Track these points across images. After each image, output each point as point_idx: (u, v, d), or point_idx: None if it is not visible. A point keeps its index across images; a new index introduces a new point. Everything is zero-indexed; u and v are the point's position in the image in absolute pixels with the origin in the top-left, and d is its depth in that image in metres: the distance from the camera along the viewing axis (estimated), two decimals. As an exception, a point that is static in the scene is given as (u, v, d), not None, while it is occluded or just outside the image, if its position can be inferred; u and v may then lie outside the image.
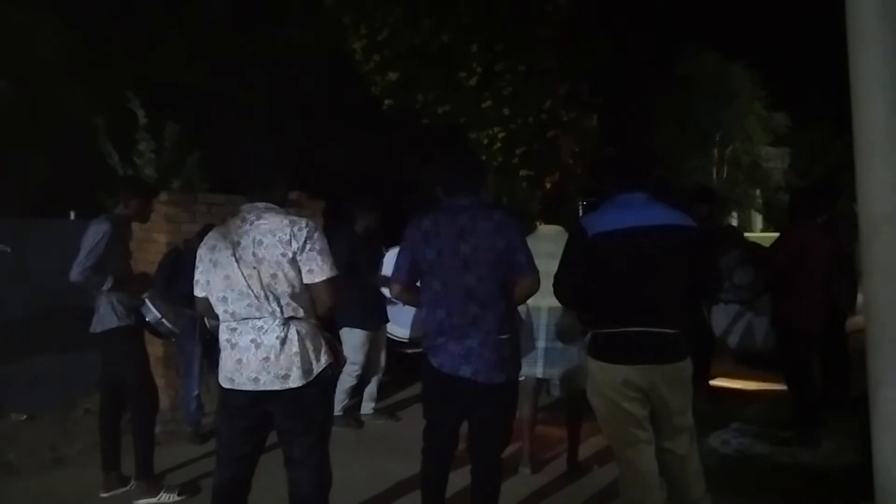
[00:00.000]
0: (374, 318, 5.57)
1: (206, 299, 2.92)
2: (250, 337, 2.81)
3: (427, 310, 3.13)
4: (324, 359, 2.88)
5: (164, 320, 4.12)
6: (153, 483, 4.12)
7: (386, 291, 5.18)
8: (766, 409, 5.63)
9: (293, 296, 2.81)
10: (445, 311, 3.05)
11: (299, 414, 2.86)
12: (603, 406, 2.91)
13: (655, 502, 2.83)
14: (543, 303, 4.21)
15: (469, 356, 3.00)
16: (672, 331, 2.83)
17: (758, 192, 23.78)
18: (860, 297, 6.17)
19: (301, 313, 2.84)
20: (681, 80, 19.15)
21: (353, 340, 5.44)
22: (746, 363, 6.29)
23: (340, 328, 5.45)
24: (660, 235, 2.85)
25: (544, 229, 4.40)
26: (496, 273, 3.03)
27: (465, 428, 3.22)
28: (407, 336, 5.95)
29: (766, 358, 5.60)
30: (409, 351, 5.78)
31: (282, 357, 2.78)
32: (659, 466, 2.87)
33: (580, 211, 11.94)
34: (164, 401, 4.65)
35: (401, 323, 5.89)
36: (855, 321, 5.33)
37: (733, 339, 5.54)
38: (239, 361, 2.82)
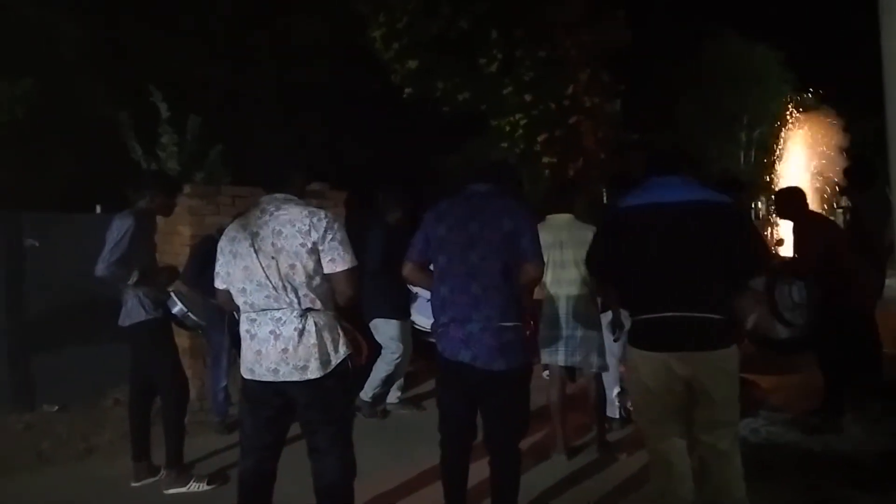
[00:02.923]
0: (407, 309, 5.60)
1: (226, 291, 2.95)
2: (269, 328, 2.83)
3: (434, 286, 3.15)
4: (342, 350, 2.89)
5: (190, 313, 4.16)
6: (183, 472, 4.18)
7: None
8: (795, 397, 5.55)
9: (311, 287, 2.81)
10: (449, 287, 3.06)
11: (319, 405, 2.87)
12: (640, 395, 2.84)
13: (684, 493, 2.78)
14: (562, 291, 4.25)
15: (469, 341, 3.00)
16: (715, 316, 2.70)
17: (787, 176, 23.39)
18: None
19: (318, 304, 2.85)
20: (705, 62, 18.85)
21: (390, 331, 5.46)
22: (770, 348, 6.18)
23: (372, 319, 5.46)
24: (694, 213, 2.73)
25: (554, 219, 4.36)
26: (500, 253, 3.02)
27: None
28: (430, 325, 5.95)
29: (787, 344, 5.49)
30: (433, 340, 5.79)
31: (300, 348, 2.80)
32: (697, 463, 2.79)
33: (604, 197, 11.84)
34: (191, 391, 4.69)
35: (425, 313, 5.90)
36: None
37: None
38: (258, 352, 2.84)
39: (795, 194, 5.12)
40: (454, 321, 3.03)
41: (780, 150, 19.57)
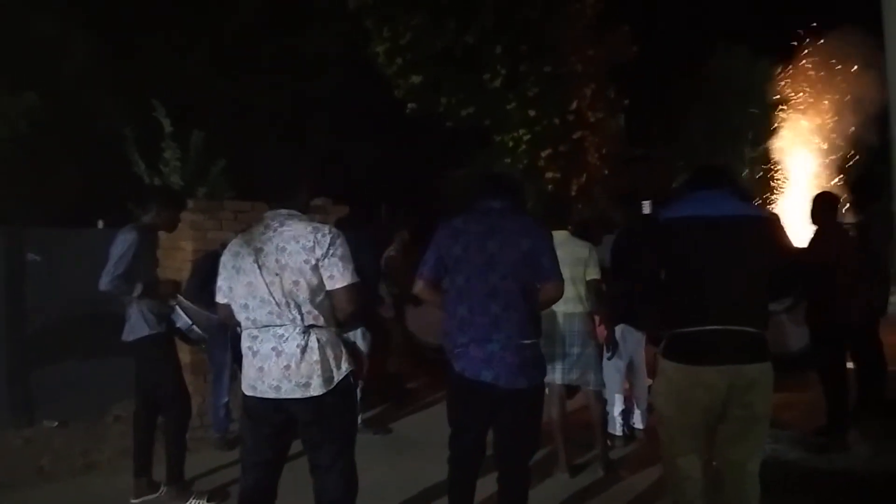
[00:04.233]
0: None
1: (227, 306, 2.93)
2: (271, 345, 2.80)
3: (449, 306, 3.11)
4: (344, 366, 2.86)
5: (194, 326, 4.14)
6: (183, 489, 4.15)
7: None
8: (801, 415, 5.50)
9: (314, 303, 2.79)
10: (467, 307, 3.03)
11: (322, 422, 2.84)
12: (671, 409, 2.80)
13: None
14: (559, 308, 4.19)
15: (490, 360, 2.97)
16: (754, 329, 2.70)
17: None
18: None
19: (321, 321, 2.82)
20: (710, 77, 18.91)
21: (366, 345, 5.35)
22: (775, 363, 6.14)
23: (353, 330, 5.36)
24: (738, 227, 2.74)
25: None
26: (519, 273, 3.00)
27: (492, 435, 3.18)
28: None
29: (797, 361, 5.46)
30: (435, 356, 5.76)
31: (302, 365, 2.77)
32: (719, 479, 2.77)
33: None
34: (192, 407, 4.68)
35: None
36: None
37: None
38: (260, 369, 2.82)
39: (833, 201, 5.06)
40: (474, 341, 3.00)
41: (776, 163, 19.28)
